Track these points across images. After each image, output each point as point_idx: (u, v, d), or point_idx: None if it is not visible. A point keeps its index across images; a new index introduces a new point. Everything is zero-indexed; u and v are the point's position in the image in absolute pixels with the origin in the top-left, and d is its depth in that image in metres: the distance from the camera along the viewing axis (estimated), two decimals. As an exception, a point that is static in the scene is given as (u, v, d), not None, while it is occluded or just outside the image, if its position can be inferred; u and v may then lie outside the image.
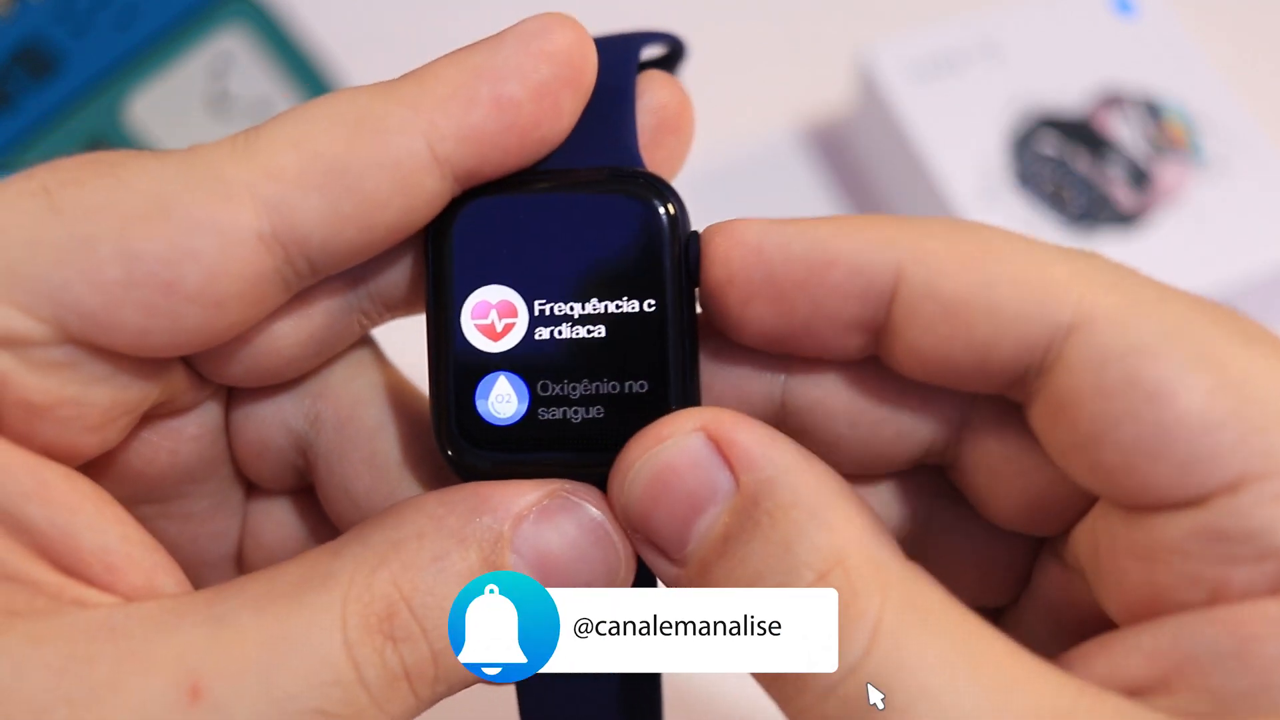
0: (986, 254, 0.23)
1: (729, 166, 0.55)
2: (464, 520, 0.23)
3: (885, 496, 0.27)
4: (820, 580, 0.22)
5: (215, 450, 0.27)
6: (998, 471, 0.25)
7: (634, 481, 0.23)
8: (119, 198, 0.23)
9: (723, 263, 0.24)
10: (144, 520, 0.27)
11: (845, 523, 0.22)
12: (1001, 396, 0.24)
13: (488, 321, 0.24)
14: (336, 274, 0.25)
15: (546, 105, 0.23)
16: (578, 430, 0.24)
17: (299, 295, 0.25)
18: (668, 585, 0.23)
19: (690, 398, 0.24)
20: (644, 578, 0.25)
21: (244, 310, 0.24)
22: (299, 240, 0.23)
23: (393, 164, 0.23)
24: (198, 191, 0.23)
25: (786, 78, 0.57)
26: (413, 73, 0.24)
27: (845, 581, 0.21)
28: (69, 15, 0.54)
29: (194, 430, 0.27)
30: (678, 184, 0.25)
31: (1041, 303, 0.22)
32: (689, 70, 0.29)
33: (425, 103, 0.23)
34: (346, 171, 0.23)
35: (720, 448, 0.23)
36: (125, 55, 0.54)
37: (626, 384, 0.24)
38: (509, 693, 0.26)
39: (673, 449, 0.23)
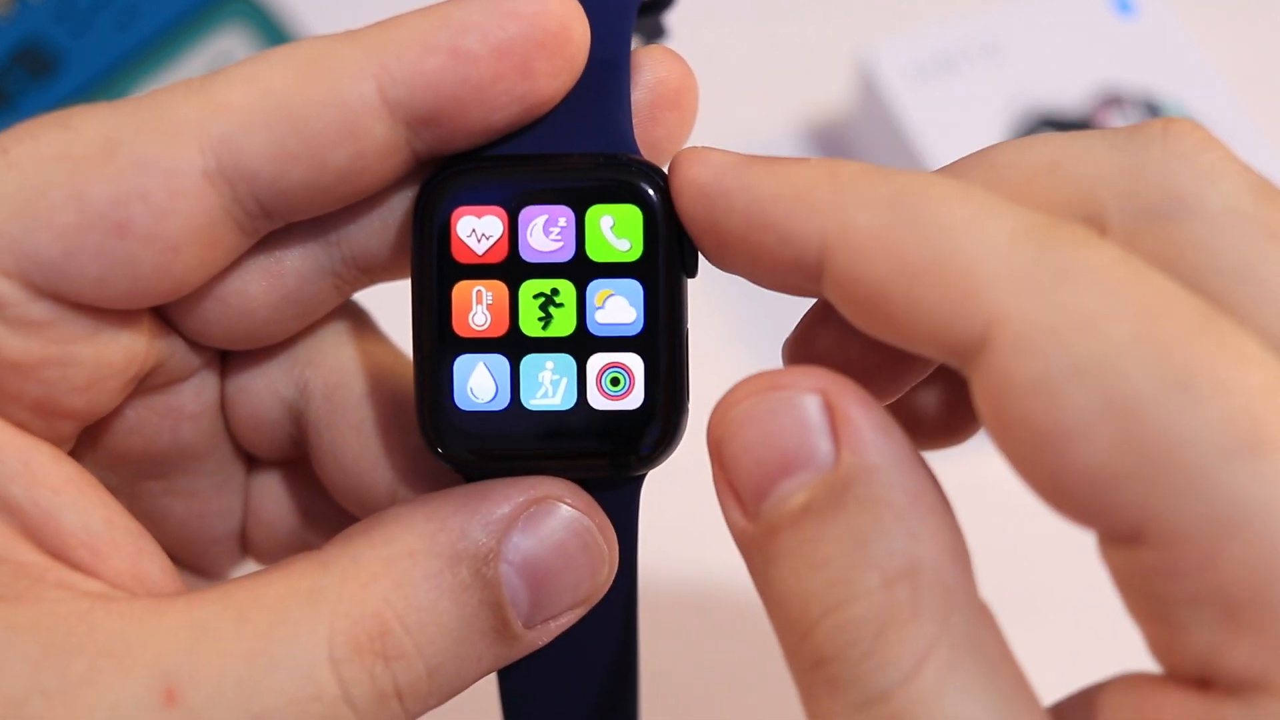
0: (913, 237, 0.20)
1: (729, 166, 0.55)
2: (455, 538, 0.23)
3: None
4: (885, 587, 0.20)
5: (214, 427, 0.28)
6: None
7: (733, 421, 0.22)
8: (71, 145, 0.23)
9: (677, 195, 0.23)
10: (150, 497, 0.28)
11: (930, 537, 0.20)
12: None
13: (473, 307, 0.24)
14: (306, 234, 0.25)
15: (510, 64, 0.23)
16: (562, 424, 0.24)
17: (267, 252, 0.25)
18: (732, 535, 0.22)
19: (679, 389, 0.24)
20: (626, 575, 0.25)
21: (200, 253, 0.24)
22: (246, 177, 0.23)
23: (340, 104, 0.23)
24: (145, 131, 0.23)
25: (786, 78, 0.57)
26: (378, 22, 0.24)
27: (909, 596, 0.20)
28: (69, 15, 0.54)
29: (193, 409, 0.27)
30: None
31: (955, 311, 0.20)
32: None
33: (380, 47, 0.23)
34: (293, 109, 0.23)
35: (833, 417, 0.21)
36: (125, 55, 0.54)
37: None
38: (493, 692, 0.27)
39: (784, 401, 0.21)
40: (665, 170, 0.24)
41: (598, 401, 0.24)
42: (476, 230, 0.24)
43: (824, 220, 0.21)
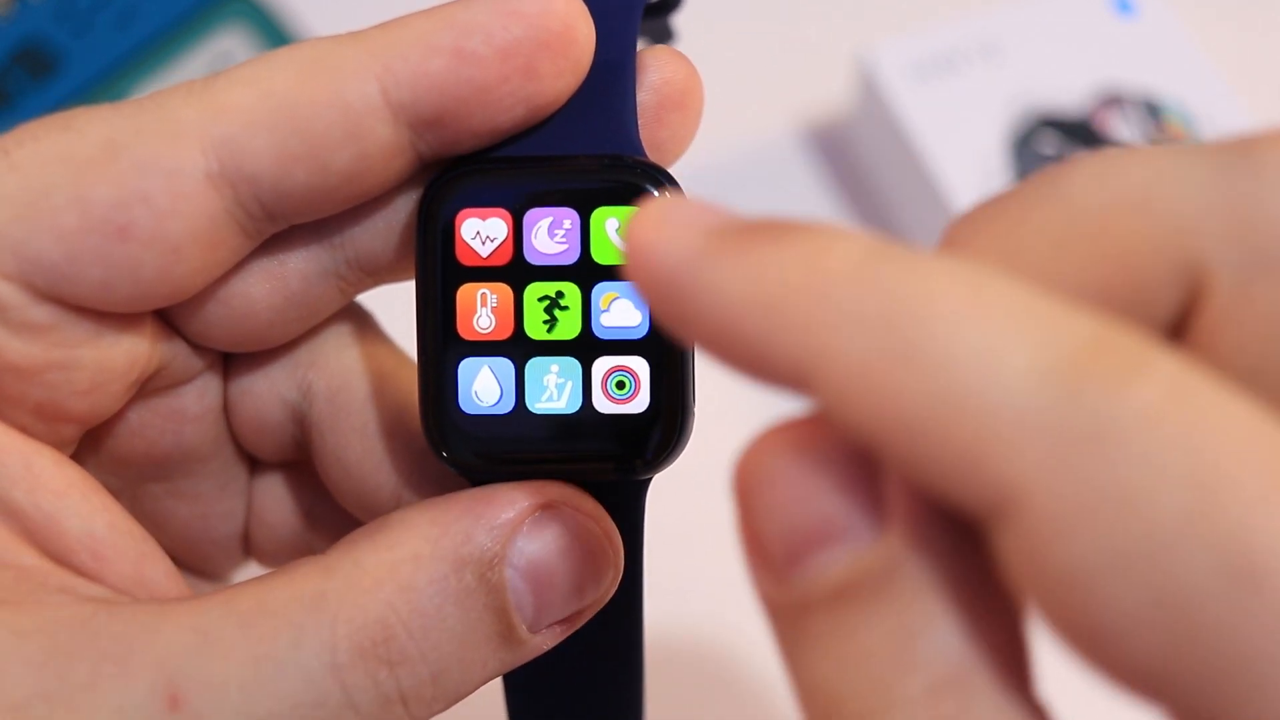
0: (910, 376, 0.16)
1: (729, 167, 0.55)
2: (460, 542, 0.23)
3: None
4: (929, 696, 0.17)
5: (217, 429, 0.28)
6: None
7: (764, 474, 0.18)
8: (73, 147, 0.23)
9: (631, 276, 0.18)
10: (152, 500, 0.28)
11: (987, 635, 0.17)
12: None
13: (478, 310, 0.24)
14: (309, 236, 0.25)
15: (514, 65, 0.23)
16: (567, 427, 0.24)
17: (271, 254, 0.25)
18: (758, 596, 0.18)
19: (685, 393, 0.24)
20: (631, 579, 0.25)
21: (203, 256, 0.24)
22: (248, 179, 0.23)
23: (343, 106, 0.23)
24: (147, 133, 0.23)
25: (786, 78, 0.57)
26: (381, 23, 0.24)
27: (956, 708, 0.17)
28: (69, 15, 0.54)
29: (195, 411, 0.27)
30: (680, 178, 0.25)
31: (965, 476, 0.16)
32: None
33: (383, 49, 0.23)
34: (296, 111, 0.23)
35: (879, 486, 0.17)
36: (125, 55, 0.54)
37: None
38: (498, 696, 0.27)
39: (823, 460, 0.17)
40: (670, 171, 0.24)
41: (603, 405, 0.24)
42: (481, 232, 0.24)
43: (804, 342, 0.17)
